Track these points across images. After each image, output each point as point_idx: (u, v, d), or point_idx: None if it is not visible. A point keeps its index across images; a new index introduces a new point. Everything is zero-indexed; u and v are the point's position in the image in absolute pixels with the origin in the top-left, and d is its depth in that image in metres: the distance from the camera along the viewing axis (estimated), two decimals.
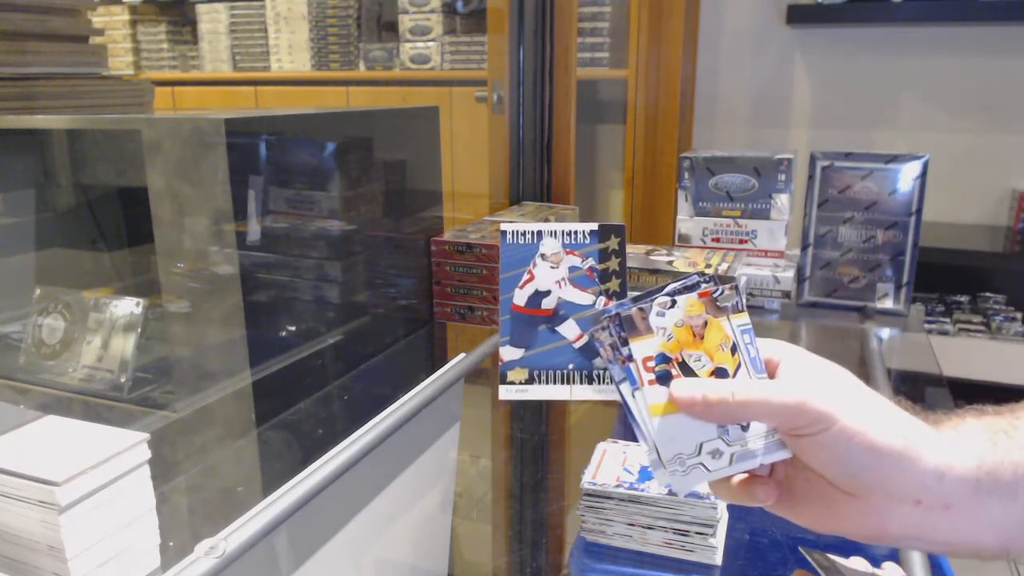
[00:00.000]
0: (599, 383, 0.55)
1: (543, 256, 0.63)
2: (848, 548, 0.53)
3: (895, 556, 0.69)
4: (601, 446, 0.79)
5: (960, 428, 0.44)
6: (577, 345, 0.59)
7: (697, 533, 0.69)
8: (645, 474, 0.73)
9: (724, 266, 1.20)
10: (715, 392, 0.43)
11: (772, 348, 0.47)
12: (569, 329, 0.59)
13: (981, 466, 0.42)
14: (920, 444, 0.42)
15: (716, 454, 0.44)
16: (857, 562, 0.49)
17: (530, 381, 0.57)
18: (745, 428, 0.44)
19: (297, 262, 1.04)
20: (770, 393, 0.42)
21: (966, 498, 0.42)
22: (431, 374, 0.90)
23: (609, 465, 0.75)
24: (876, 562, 0.51)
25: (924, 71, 2.19)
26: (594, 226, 0.65)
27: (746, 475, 0.46)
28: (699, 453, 0.44)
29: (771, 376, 0.46)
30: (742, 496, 0.46)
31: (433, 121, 1.36)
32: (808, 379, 0.44)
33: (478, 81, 2.35)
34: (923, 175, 1.26)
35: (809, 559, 0.54)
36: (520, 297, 0.60)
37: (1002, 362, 1.95)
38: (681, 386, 0.44)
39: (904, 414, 0.44)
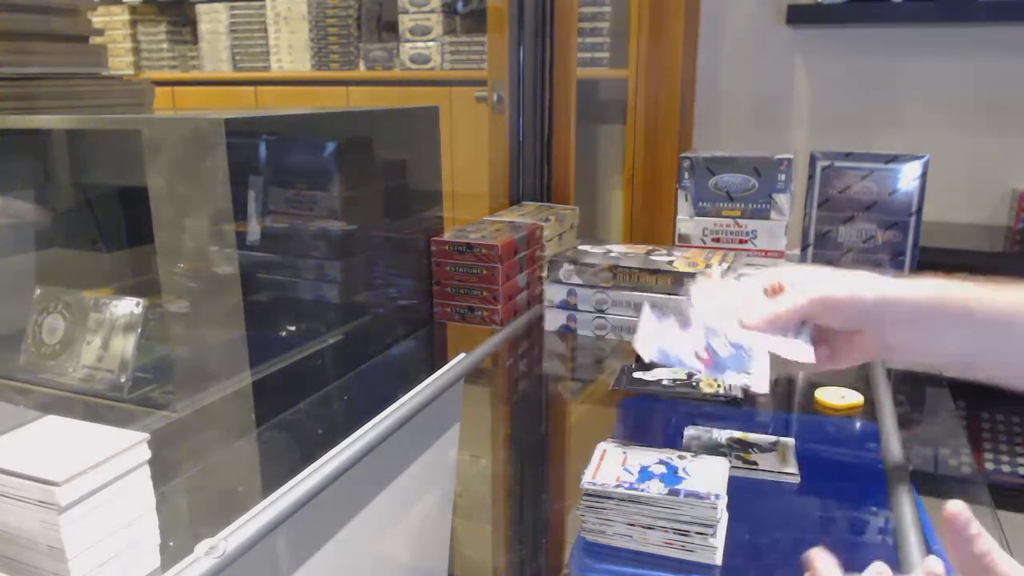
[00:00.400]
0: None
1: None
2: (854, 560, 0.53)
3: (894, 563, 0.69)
4: (601, 446, 0.79)
5: (926, 278, 0.70)
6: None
7: (697, 533, 0.69)
8: (645, 474, 0.73)
9: (724, 266, 1.20)
10: (768, 312, 0.75)
11: (771, 275, 0.78)
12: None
13: (930, 296, 0.68)
14: (885, 286, 0.70)
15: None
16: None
17: None
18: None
19: (297, 262, 1.04)
20: (794, 301, 0.73)
21: (925, 318, 0.69)
22: (431, 374, 0.89)
23: (609, 465, 0.75)
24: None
25: (924, 71, 2.19)
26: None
27: None
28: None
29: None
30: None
31: (433, 121, 1.36)
32: (806, 283, 0.74)
33: (478, 81, 2.35)
34: (923, 175, 1.26)
35: None
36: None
37: None
38: (748, 315, 0.75)
39: (869, 275, 0.72)
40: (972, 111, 2.17)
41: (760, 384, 0.74)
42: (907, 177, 1.27)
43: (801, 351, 0.74)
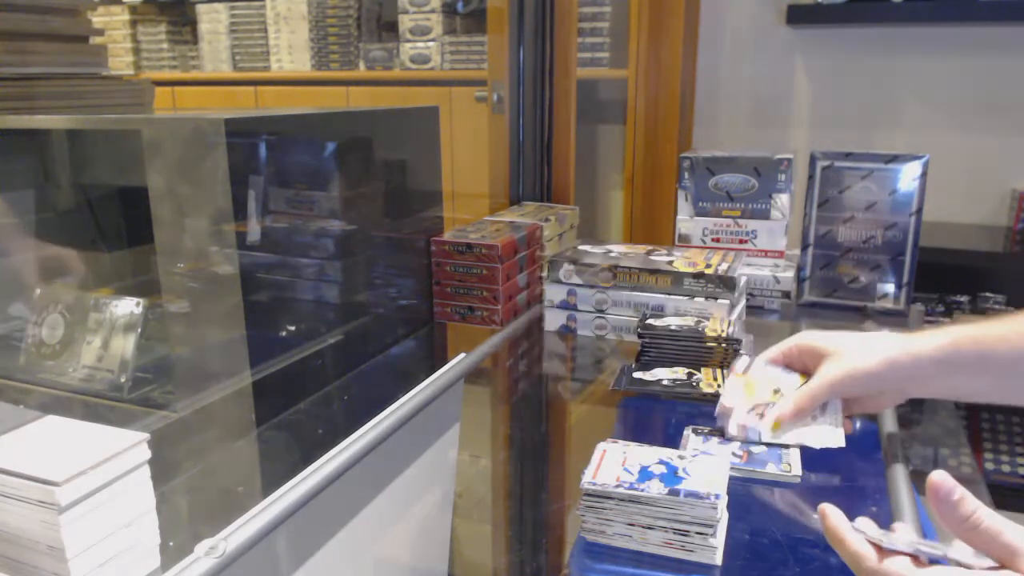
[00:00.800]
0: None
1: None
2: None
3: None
4: (601, 446, 0.79)
5: (936, 329, 0.73)
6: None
7: (697, 533, 0.69)
8: (645, 474, 0.73)
9: (724, 266, 1.20)
10: (792, 407, 0.81)
11: (798, 341, 0.84)
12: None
13: (942, 350, 0.71)
14: (896, 349, 0.74)
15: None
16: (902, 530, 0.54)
17: None
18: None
19: (297, 262, 1.04)
20: (813, 391, 0.79)
21: (938, 372, 0.72)
22: (431, 374, 0.89)
23: (609, 465, 0.75)
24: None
25: (924, 71, 2.19)
26: None
27: None
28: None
29: (815, 362, 0.81)
30: None
31: (433, 121, 1.36)
32: (822, 368, 0.79)
33: (478, 81, 2.35)
34: (923, 175, 1.26)
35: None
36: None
37: None
38: (777, 410, 0.82)
39: (883, 337, 0.77)
40: (972, 111, 2.17)
41: (796, 471, 0.84)
42: (907, 177, 1.27)
43: (831, 436, 0.81)
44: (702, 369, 1.08)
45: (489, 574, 0.85)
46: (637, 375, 1.07)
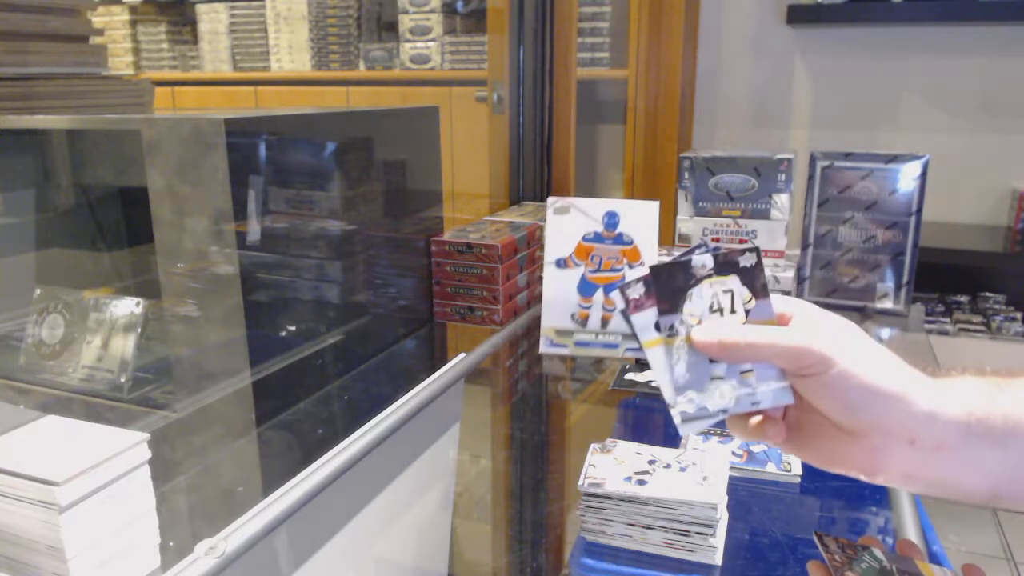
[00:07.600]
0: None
1: None
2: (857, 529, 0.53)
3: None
4: (600, 445, 0.79)
5: (957, 379, 0.48)
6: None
7: (697, 533, 0.69)
8: (644, 474, 0.73)
9: None
10: (730, 335, 0.47)
11: (785, 303, 0.50)
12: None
13: (972, 413, 0.45)
14: (914, 388, 0.45)
15: (723, 395, 0.48)
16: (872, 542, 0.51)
17: None
18: (750, 372, 0.48)
19: (297, 262, 1.04)
20: (777, 338, 0.46)
21: (956, 441, 0.45)
22: (431, 374, 0.90)
23: (608, 465, 0.75)
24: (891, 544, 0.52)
25: (924, 71, 2.19)
26: None
27: (760, 417, 0.50)
28: (707, 392, 0.48)
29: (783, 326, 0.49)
30: (756, 435, 0.50)
31: (433, 121, 1.36)
32: (813, 327, 0.47)
33: (478, 81, 2.35)
34: (923, 175, 1.26)
35: (820, 545, 0.53)
36: None
37: (1002, 362, 1.94)
38: (701, 330, 0.48)
39: (901, 362, 0.47)
40: (972, 111, 2.17)
41: (796, 470, 0.83)
42: (907, 177, 1.27)
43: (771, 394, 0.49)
44: None
45: (489, 574, 0.85)
46: (628, 376, 1.08)
